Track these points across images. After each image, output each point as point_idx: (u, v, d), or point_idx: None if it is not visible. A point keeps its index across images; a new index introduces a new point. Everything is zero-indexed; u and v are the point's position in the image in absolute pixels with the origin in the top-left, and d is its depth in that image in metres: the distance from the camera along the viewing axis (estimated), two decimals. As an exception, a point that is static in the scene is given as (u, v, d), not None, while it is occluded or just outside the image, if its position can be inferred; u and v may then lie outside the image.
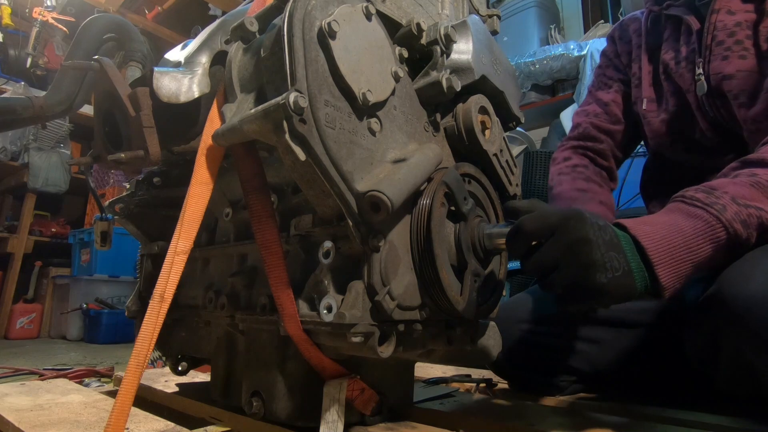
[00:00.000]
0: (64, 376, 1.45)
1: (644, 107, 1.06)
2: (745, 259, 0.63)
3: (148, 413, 0.79)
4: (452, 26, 0.71)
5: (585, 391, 0.99)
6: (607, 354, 0.96)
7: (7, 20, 3.35)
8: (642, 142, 1.20)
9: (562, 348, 0.97)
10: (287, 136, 0.52)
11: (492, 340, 0.76)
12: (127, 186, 0.93)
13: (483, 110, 0.75)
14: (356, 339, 0.55)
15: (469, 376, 1.11)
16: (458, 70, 0.71)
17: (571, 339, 0.97)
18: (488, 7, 0.94)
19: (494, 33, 0.90)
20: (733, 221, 0.60)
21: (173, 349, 0.91)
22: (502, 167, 0.77)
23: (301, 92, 0.53)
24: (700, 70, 0.94)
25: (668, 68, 1.01)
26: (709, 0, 0.94)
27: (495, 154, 0.76)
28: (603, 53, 1.21)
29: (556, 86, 2.80)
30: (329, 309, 0.57)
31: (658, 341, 0.93)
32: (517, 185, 0.80)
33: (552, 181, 1.14)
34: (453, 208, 0.66)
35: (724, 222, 0.60)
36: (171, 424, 0.73)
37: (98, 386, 1.30)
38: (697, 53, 0.96)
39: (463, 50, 0.72)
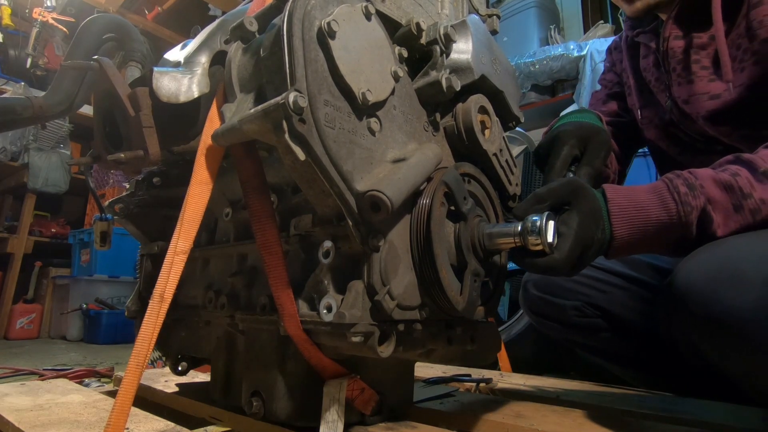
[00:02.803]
0: (64, 376, 1.45)
1: (639, 116, 1.11)
2: (697, 251, 0.69)
3: (148, 413, 0.79)
4: (452, 26, 0.71)
5: (605, 330, 1.05)
6: (635, 304, 1.03)
7: (7, 20, 3.35)
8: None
9: (591, 285, 1.05)
10: (287, 135, 0.52)
11: (492, 340, 0.76)
12: (127, 186, 0.93)
13: (483, 110, 0.75)
14: (356, 339, 0.55)
15: (469, 376, 1.11)
16: (458, 69, 0.71)
17: (600, 282, 1.05)
18: (488, 6, 0.94)
19: (494, 33, 0.90)
20: (692, 225, 0.67)
21: (173, 349, 0.91)
22: (501, 167, 0.77)
23: (300, 92, 0.53)
24: (668, 93, 0.99)
25: (649, 84, 1.06)
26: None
27: (495, 154, 0.76)
28: (604, 62, 1.27)
29: (556, 86, 2.80)
30: (329, 309, 0.57)
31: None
32: (517, 185, 0.80)
33: None
34: (453, 207, 0.66)
35: (683, 222, 0.67)
36: (171, 424, 0.73)
37: (98, 386, 1.30)
38: (665, 75, 0.99)
39: (462, 50, 0.72)
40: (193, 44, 0.75)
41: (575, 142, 0.89)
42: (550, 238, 0.61)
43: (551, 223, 0.62)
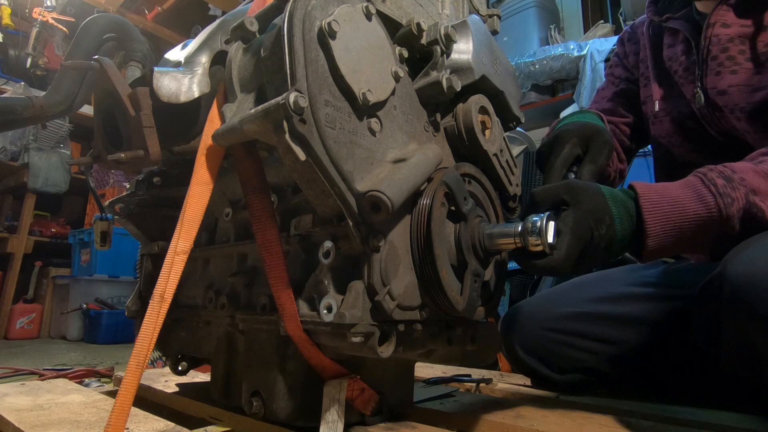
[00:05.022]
0: (64, 376, 1.45)
1: (655, 108, 1.07)
2: (749, 242, 0.65)
3: (148, 413, 0.79)
4: (452, 26, 0.71)
5: (602, 387, 1.02)
6: (627, 354, 0.99)
7: (7, 20, 3.36)
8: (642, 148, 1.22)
9: (581, 348, 1.00)
10: (287, 136, 0.52)
11: (492, 340, 0.76)
12: (127, 186, 0.93)
13: (483, 110, 0.75)
14: (356, 339, 0.55)
15: (469, 376, 1.11)
16: (458, 69, 0.71)
17: (590, 340, 1.00)
18: (488, 7, 0.94)
19: (494, 33, 0.90)
20: (733, 218, 0.64)
21: (173, 349, 0.91)
22: (502, 167, 0.77)
23: (301, 92, 0.53)
24: (699, 83, 0.96)
25: (675, 74, 1.03)
26: (706, 14, 0.95)
27: (495, 154, 0.76)
28: (614, 54, 1.24)
29: (556, 86, 2.80)
30: (329, 309, 0.57)
31: (676, 339, 0.95)
32: (517, 185, 0.80)
33: None
34: (453, 208, 0.66)
35: (724, 216, 0.64)
36: (171, 424, 0.73)
37: (98, 386, 1.30)
38: (696, 65, 0.96)
39: (463, 50, 0.72)
40: (193, 44, 0.75)
41: (577, 141, 0.88)
42: (550, 239, 0.61)
43: (552, 224, 0.61)
